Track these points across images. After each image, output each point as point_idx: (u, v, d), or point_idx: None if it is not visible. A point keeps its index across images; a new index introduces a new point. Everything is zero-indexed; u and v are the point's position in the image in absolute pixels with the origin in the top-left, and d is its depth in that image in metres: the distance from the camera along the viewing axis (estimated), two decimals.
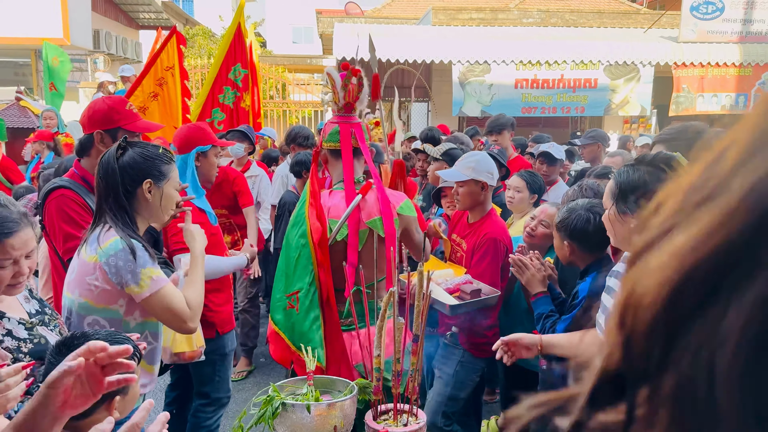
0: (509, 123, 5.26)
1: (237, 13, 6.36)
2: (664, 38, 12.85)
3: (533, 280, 2.68)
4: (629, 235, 1.92)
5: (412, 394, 1.89)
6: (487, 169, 3.16)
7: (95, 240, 2.01)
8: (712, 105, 12.67)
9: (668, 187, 0.36)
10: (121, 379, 1.20)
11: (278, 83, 14.50)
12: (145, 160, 2.08)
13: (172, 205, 2.18)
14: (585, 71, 12.33)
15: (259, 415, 1.80)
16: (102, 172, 2.07)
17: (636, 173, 1.89)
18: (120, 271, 1.95)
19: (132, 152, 2.08)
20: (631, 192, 1.87)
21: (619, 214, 1.91)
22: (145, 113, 5.60)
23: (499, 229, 3.13)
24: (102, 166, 2.08)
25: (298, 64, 16.81)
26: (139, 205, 2.09)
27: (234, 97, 6.03)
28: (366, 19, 16.12)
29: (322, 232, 2.42)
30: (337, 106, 2.56)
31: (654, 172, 1.87)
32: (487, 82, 12.30)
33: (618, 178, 1.93)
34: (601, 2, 17.66)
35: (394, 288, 1.90)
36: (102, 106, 2.67)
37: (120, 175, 2.04)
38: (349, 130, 2.55)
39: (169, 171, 2.14)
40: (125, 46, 19.22)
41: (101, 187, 2.06)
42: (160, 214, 2.15)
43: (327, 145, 2.61)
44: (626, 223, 1.90)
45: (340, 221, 2.48)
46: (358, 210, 2.51)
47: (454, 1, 18.45)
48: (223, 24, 20.68)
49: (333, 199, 2.56)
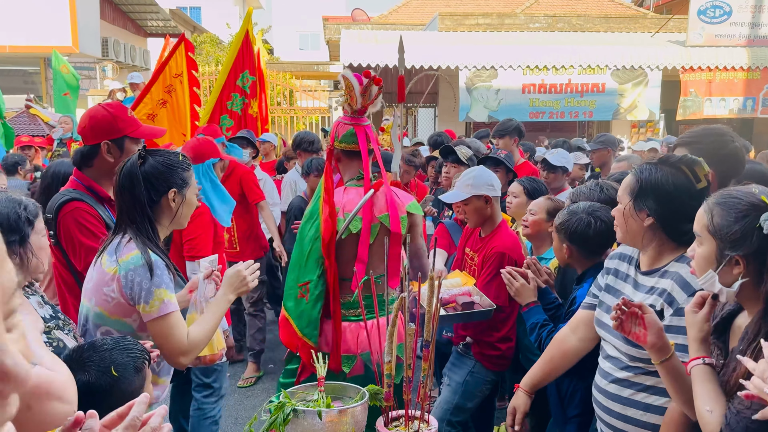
0: (513, 128, 5.18)
1: (245, 20, 6.40)
2: (671, 42, 12.82)
3: (523, 290, 2.65)
4: (643, 231, 1.91)
5: (423, 400, 1.88)
6: (486, 182, 3.12)
7: (114, 250, 1.99)
8: (720, 109, 12.62)
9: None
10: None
11: (285, 90, 14.55)
12: (168, 168, 2.06)
13: (192, 211, 2.18)
14: (592, 76, 12.32)
15: (270, 421, 1.79)
16: (126, 183, 2.03)
17: (659, 172, 1.87)
18: (134, 287, 1.93)
19: (153, 161, 2.05)
20: (652, 190, 1.86)
21: (636, 210, 1.90)
22: (154, 120, 5.63)
23: (509, 243, 3.08)
24: (125, 176, 2.04)
25: (305, 71, 16.87)
26: (161, 214, 2.08)
27: (242, 103, 6.06)
28: (373, 26, 16.17)
29: (332, 229, 2.55)
30: (351, 108, 2.66)
31: (676, 174, 1.85)
32: (494, 87, 12.31)
33: (640, 174, 1.91)
34: (608, 7, 17.65)
35: (405, 293, 1.89)
36: (105, 116, 2.57)
37: (144, 184, 2.01)
38: (364, 132, 2.68)
39: (190, 178, 2.13)
40: (133, 54, 19.35)
41: (126, 197, 2.03)
42: (181, 221, 2.14)
43: (341, 146, 2.72)
44: (641, 220, 1.89)
45: (352, 212, 2.60)
46: (372, 205, 2.63)
47: (460, 6, 18.48)
48: (231, 31, 20.80)
49: (348, 195, 2.68)
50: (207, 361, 2.32)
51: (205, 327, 2.08)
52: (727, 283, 1.51)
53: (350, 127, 2.68)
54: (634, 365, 1.92)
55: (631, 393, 1.92)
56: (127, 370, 1.60)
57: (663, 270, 1.90)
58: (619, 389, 1.95)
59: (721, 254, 1.51)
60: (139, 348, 1.69)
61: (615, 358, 1.98)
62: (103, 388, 1.54)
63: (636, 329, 1.70)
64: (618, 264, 2.10)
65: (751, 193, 1.51)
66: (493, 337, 3.02)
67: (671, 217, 1.86)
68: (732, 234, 1.48)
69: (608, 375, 1.99)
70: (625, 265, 2.07)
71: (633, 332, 1.71)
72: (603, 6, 17.73)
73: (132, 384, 1.58)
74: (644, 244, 1.94)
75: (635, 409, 1.92)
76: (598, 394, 2.05)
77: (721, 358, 1.58)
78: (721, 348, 1.60)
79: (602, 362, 2.06)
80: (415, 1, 20.26)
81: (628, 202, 1.92)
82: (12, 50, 14.24)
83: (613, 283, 2.09)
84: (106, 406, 1.53)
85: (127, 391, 1.56)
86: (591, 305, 2.20)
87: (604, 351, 2.06)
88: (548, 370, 2.30)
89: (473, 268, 3.21)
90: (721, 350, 1.59)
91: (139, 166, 2.04)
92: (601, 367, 2.04)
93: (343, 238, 2.62)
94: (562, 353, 2.27)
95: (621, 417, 1.95)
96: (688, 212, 1.78)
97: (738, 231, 1.47)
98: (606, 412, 2.00)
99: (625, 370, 1.93)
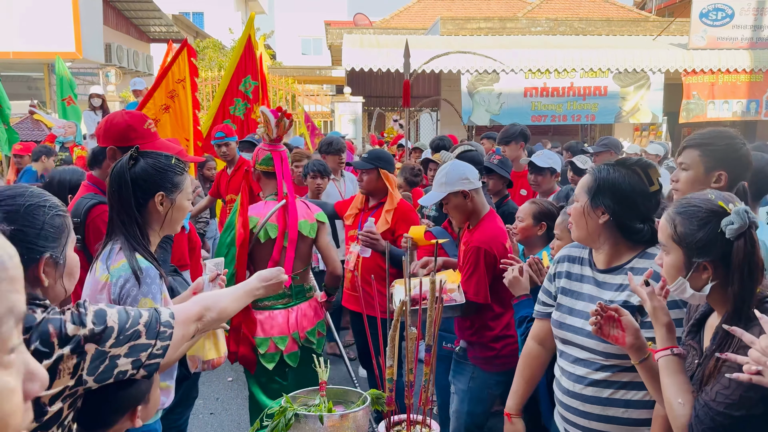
0: (517, 133, 5.11)
1: (247, 25, 6.42)
2: (673, 45, 12.82)
3: (515, 282, 2.58)
4: (599, 229, 1.96)
5: (425, 405, 1.88)
6: (459, 176, 2.99)
7: (106, 258, 1.97)
8: (723, 112, 12.61)
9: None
10: None
11: (288, 94, 14.59)
12: (158, 171, 2.01)
13: (184, 216, 2.13)
14: (594, 79, 12.32)
15: (272, 426, 1.80)
16: (115, 185, 1.99)
17: (616, 173, 1.94)
18: (122, 294, 1.91)
19: (144, 163, 2.01)
20: (608, 189, 1.93)
21: (592, 208, 1.96)
22: (157, 125, 5.64)
23: (488, 236, 2.94)
24: (114, 178, 2.00)
25: (308, 75, 16.91)
26: (150, 218, 2.03)
27: (245, 108, 6.08)
28: (374, 30, 16.20)
29: (244, 237, 3.04)
30: (269, 137, 3.22)
31: (632, 176, 1.93)
32: (496, 90, 12.32)
33: (597, 174, 1.98)
34: (610, 10, 17.66)
35: (407, 297, 1.90)
36: (120, 122, 2.58)
37: (132, 187, 1.97)
38: (280, 156, 3.22)
39: (182, 182, 2.07)
40: (136, 59, 19.42)
41: (114, 199, 2.00)
42: (172, 226, 2.09)
43: (261, 168, 3.27)
44: (597, 217, 1.95)
45: (262, 221, 3.11)
46: (284, 214, 3.18)
47: (462, 11, 18.52)
48: (233, 36, 20.86)
49: (267, 207, 3.18)
50: (215, 365, 2.28)
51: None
52: (697, 288, 1.56)
53: (268, 152, 3.23)
54: (610, 364, 1.91)
55: (611, 392, 1.92)
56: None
57: (629, 267, 1.93)
58: (597, 391, 1.94)
59: (688, 261, 1.56)
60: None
61: (586, 360, 1.97)
62: (113, 390, 1.54)
63: (614, 332, 1.76)
64: (569, 266, 2.11)
65: (708, 200, 1.56)
66: (485, 338, 2.94)
67: (626, 215, 1.92)
68: (697, 241, 1.54)
69: (582, 379, 1.97)
70: (577, 267, 2.09)
71: (611, 335, 1.76)
72: (605, 9, 17.74)
73: (140, 388, 1.58)
74: (600, 242, 1.99)
75: (616, 408, 1.92)
76: (570, 399, 2.01)
77: (696, 358, 1.62)
78: (697, 348, 1.63)
79: (570, 367, 2.02)
80: (416, 6, 20.31)
81: (586, 200, 1.98)
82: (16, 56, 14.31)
83: (568, 285, 2.09)
84: (113, 409, 1.54)
85: (135, 394, 1.56)
86: (545, 313, 2.20)
87: (570, 356, 2.03)
88: (530, 387, 2.33)
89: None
90: (697, 350, 1.63)
91: (129, 168, 1.99)
92: (571, 372, 2.01)
93: (262, 242, 3.13)
94: (539, 368, 2.30)
95: (601, 418, 1.94)
96: (641, 212, 1.92)
97: (702, 238, 1.53)
98: (583, 416, 1.98)
99: (602, 370, 1.93)
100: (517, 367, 2.34)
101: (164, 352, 1.49)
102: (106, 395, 1.51)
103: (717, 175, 2.17)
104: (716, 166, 2.17)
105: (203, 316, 1.68)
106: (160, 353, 1.48)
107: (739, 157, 2.18)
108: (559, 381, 2.08)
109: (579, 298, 2.04)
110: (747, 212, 1.49)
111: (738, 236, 1.48)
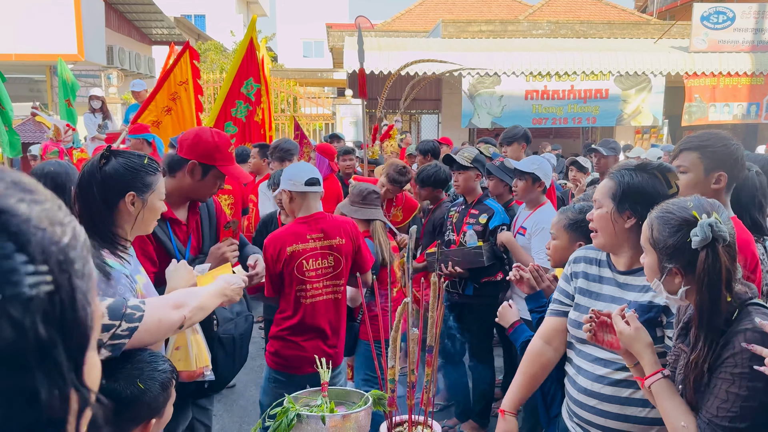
0: (520, 134, 5.13)
1: (249, 28, 6.43)
2: (674, 48, 12.83)
3: (506, 312, 2.54)
4: (626, 234, 1.96)
5: (426, 406, 1.88)
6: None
7: None
8: (725, 114, 12.62)
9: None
10: None
11: (289, 97, 14.61)
12: (129, 171, 1.96)
13: (156, 216, 2.07)
14: (595, 82, 12.33)
15: (275, 427, 1.80)
16: (85, 183, 1.95)
17: (638, 177, 1.96)
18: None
19: (116, 162, 1.96)
20: (633, 193, 1.94)
21: (619, 213, 1.96)
22: (159, 127, 5.67)
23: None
24: (85, 176, 1.96)
25: (309, 78, 16.93)
26: (121, 218, 1.97)
27: (246, 110, 6.09)
28: (376, 33, 16.24)
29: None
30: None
31: (653, 179, 1.94)
32: (497, 93, 12.33)
33: (620, 179, 1.98)
34: (611, 13, 17.68)
35: (408, 299, 1.90)
36: (210, 141, 2.59)
37: (102, 186, 1.93)
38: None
39: (154, 182, 2.02)
40: (138, 62, 19.45)
41: (83, 197, 1.95)
42: (143, 227, 2.04)
43: None
44: (624, 221, 1.96)
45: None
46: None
47: (463, 13, 18.55)
48: (235, 39, 20.91)
49: None
50: (184, 377, 2.16)
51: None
52: (672, 291, 1.61)
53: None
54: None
55: (631, 392, 1.92)
56: (153, 385, 1.59)
57: None
58: (617, 390, 1.94)
59: (661, 265, 1.61)
60: (168, 366, 1.67)
61: (607, 360, 1.97)
62: (128, 398, 1.54)
63: (608, 337, 1.78)
64: (586, 267, 2.11)
65: (684, 208, 1.61)
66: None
67: None
68: (668, 248, 1.59)
69: (602, 378, 1.97)
70: (594, 268, 2.09)
71: (606, 340, 1.79)
72: (606, 12, 17.76)
73: (156, 400, 1.57)
74: (626, 247, 1.99)
75: (635, 407, 1.92)
76: (587, 398, 2.01)
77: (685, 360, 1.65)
78: (686, 352, 1.65)
79: (588, 366, 2.02)
80: (418, 9, 20.35)
81: (612, 206, 1.98)
82: (18, 58, 14.32)
83: (586, 285, 2.09)
84: (128, 417, 1.54)
85: (150, 405, 1.56)
86: (560, 312, 2.18)
87: (589, 355, 2.03)
88: (531, 386, 2.27)
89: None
90: (686, 354, 1.65)
91: (99, 167, 1.95)
92: (589, 371, 2.01)
93: None
94: (542, 367, 2.26)
95: (619, 417, 1.94)
96: None
97: (672, 245, 1.58)
98: (600, 415, 1.98)
99: (623, 370, 1.93)
100: (520, 365, 2.33)
101: (131, 333, 1.52)
102: (125, 403, 1.51)
103: (717, 176, 2.18)
104: (716, 167, 2.18)
105: (182, 304, 1.73)
106: (125, 334, 1.50)
107: (737, 159, 2.20)
108: (574, 379, 2.07)
109: (599, 299, 2.03)
110: (712, 226, 1.53)
111: (703, 247, 1.53)
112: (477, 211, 3.93)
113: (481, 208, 3.94)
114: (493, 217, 3.85)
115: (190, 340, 2.18)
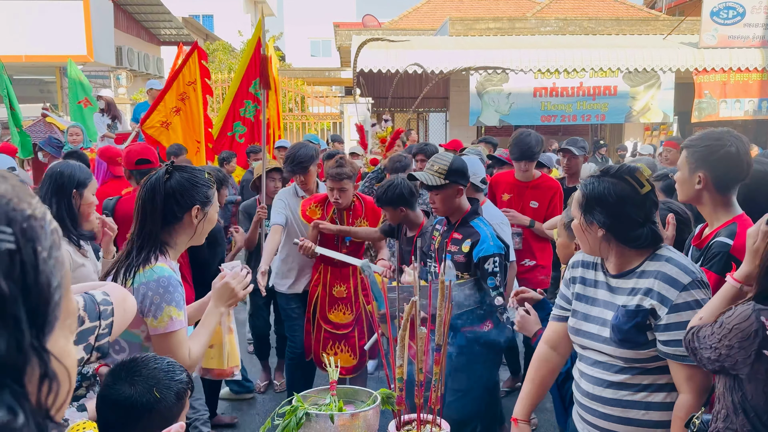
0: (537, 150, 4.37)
1: (257, 28, 6.44)
2: (684, 44, 12.73)
3: (525, 322, 2.49)
4: (599, 242, 1.95)
5: (435, 405, 1.88)
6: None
7: (128, 266, 2.01)
8: (736, 110, 12.52)
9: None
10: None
11: (297, 96, 14.63)
12: (193, 185, 2.07)
13: (211, 227, 2.18)
14: (604, 79, 12.26)
15: (283, 425, 1.81)
16: (149, 197, 2.04)
17: (601, 185, 1.93)
18: (146, 300, 1.94)
19: (179, 177, 2.06)
20: (596, 203, 1.92)
21: (587, 223, 1.96)
22: (168, 128, 5.69)
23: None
24: (148, 190, 2.05)
25: (317, 77, 16.95)
26: (182, 230, 2.08)
27: (255, 110, 6.10)
28: (383, 31, 16.22)
29: None
30: None
31: (618, 184, 1.90)
32: (505, 91, 12.28)
33: (584, 189, 1.97)
34: (620, 9, 17.58)
35: (416, 297, 1.90)
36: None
37: (165, 200, 2.02)
38: None
39: (213, 195, 2.13)
40: (147, 62, 19.54)
41: (146, 209, 2.04)
42: (199, 238, 2.15)
43: None
44: (594, 232, 1.94)
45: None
46: None
47: (471, 11, 18.50)
48: (243, 39, 20.93)
49: None
50: (215, 375, 2.28)
51: (201, 339, 2.08)
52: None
53: None
54: (629, 366, 1.92)
55: (631, 394, 1.92)
56: (169, 394, 1.59)
57: (639, 270, 1.93)
58: (617, 393, 1.94)
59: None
60: (185, 376, 1.68)
61: (604, 363, 1.97)
62: (144, 406, 1.54)
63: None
64: (583, 272, 2.11)
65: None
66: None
67: (619, 225, 1.91)
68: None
69: (602, 381, 1.98)
70: (591, 272, 2.09)
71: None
72: (614, 8, 17.66)
73: (171, 409, 1.58)
74: (606, 253, 1.99)
75: (636, 410, 1.92)
76: (590, 401, 2.02)
77: None
78: None
79: (589, 369, 2.03)
80: (425, 7, 20.31)
81: (580, 217, 1.98)
82: (28, 60, 14.42)
83: (583, 291, 2.09)
84: (142, 425, 1.54)
85: (165, 414, 1.56)
86: (562, 317, 2.19)
87: (589, 359, 2.04)
88: (541, 392, 2.29)
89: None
90: None
91: (164, 181, 2.04)
92: (590, 375, 2.02)
93: None
94: (550, 372, 2.27)
95: (621, 420, 1.94)
96: (636, 218, 1.89)
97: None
98: (603, 418, 1.98)
99: (621, 372, 1.93)
100: (528, 371, 2.33)
101: (110, 330, 1.54)
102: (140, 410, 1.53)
103: (698, 177, 2.18)
104: (697, 168, 2.18)
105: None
106: (106, 332, 1.53)
107: (718, 158, 2.15)
108: (579, 383, 2.09)
109: (594, 304, 2.04)
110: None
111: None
112: (460, 235, 3.02)
113: (465, 231, 3.01)
114: (479, 244, 2.93)
115: (226, 339, 2.23)
